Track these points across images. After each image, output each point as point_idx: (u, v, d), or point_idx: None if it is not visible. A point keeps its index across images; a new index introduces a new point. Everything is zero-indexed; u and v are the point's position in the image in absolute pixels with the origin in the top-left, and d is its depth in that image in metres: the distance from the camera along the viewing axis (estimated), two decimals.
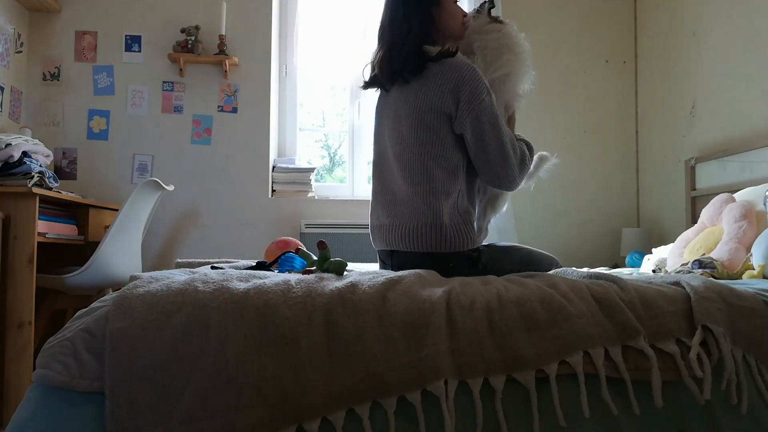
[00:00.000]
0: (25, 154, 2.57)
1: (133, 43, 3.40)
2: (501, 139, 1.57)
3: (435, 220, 1.55)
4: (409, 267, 1.51)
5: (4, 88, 3.09)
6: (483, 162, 1.59)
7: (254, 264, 1.75)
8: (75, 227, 2.85)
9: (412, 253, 1.58)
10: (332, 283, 1.24)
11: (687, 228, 3.03)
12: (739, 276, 1.97)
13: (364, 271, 1.54)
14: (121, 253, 2.75)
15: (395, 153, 1.64)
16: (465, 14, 1.75)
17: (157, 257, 3.36)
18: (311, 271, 1.46)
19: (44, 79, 3.35)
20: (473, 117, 1.54)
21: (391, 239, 1.64)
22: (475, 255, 1.60)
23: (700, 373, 1.15)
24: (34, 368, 1.11)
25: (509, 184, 1.63)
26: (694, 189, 3.14)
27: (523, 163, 1.65)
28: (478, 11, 1.76)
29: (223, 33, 3.35)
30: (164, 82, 3.41)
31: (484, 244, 1.70)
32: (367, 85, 1.75)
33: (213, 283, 1.20)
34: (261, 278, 1.28)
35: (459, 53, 1.61)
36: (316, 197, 3.52)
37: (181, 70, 3.37)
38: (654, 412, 1.15)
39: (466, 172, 1.64)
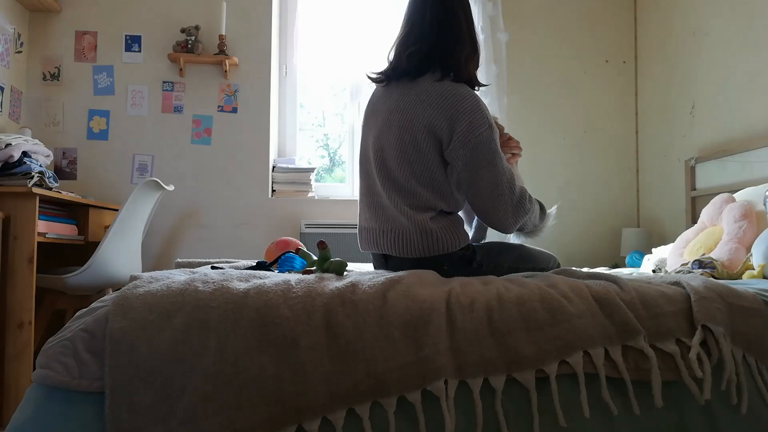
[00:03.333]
0: (25, 154, 2.57)
1: (133, 43, 3.40)
2: (496, 177, 1.51)
3: (422, 227, 1.53)
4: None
5: (4, 88, 3.09)
6: (474, 196, 1.54)
7: (254, 264, 1.75)
8: (75, 227, 2.85)
9: (406, 259, 1.57)
10: (332, 283, 1.24)
11: (687, 228, 3.03)
12: (739, 276, 1.97)
13: (364, 271, 1.54)
14: (121, 253, 2.75)
15: (378, 159, 1.61)
16: None
17: (157, 257, 3.36)
18: (311, 271, 1.46)
19: (44, 79, 3.35)
20: (469, 150, 1.49)
21: (381, 243, 1.62)
22: (469, 254, 1.59)
23: (700, 373, 1.15)
24: (34, 368, 1.11)
25: (499, 223, 1.56)
26: (694, 189, 3.14)
27: (521, 206, 1.56)
28: None
29: (223, 33, 3.35)
30: (164, 82, 3.41)
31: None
32: (385, 76, 1.66)
33: (213, 283, 1.20)
34: (261, 278, 1.28)
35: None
36: (316, 197, 3.52)
37: (181, 70, 3.37)
38: (654, 412, 1.15)
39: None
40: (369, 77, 1.68)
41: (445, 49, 1.57)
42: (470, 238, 1.76)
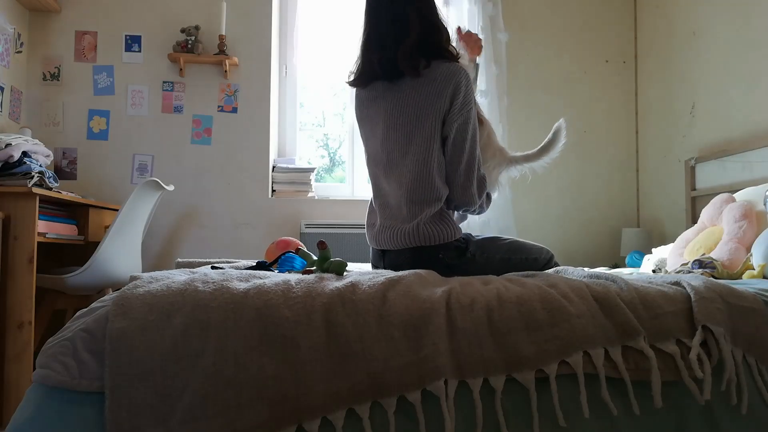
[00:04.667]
0: (25, 154, 2.57)
1: (133, 43, 3.40)
2: (474, 152, 1.61)
3: (419, 220, 1.58)
4: (402, 263, 1.53)
5: (4, 88, 3.09)
6: (453, 171, 1.61)
7: (254, 264, 1.75)
8: (75, 227, 2.85)
9: (403, 250, 1.61)
10: (332, 283, 1.24)
11: (687, 228, 3.03)
12: (739, 276, 1.97)
13: (364, 271, 1.54)
14: (121, 253, 2.75)
15: (390, 159, 1.64)
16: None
17: (157, 257, 3.36)
18: (311, 271, 1.46)
19: (44, 79, 3.35)
20: (460, 122, 1.57)
21: (381, 239, 1.67)
22: (463, 245, 1.63)
23: (701, 374, 1.15)
24: (34, 368, 1.11)
25: (471, 197, 1.63)
26: (694, 189, 3.14)
27: (482, 184, 1.65)
28: None
29: (223, 33, 3.35)
30: (164, 82, 3.41)
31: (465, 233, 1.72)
32: (360, 81, 1.70)
33: (213, 283, 1.20)
34: (261, 278, 1.28)
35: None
36: (316, 197, 3.52)
37: (181, 70, 3.37)
38: (654, 412, 1.15)
39: None
40: (348, 83, 1.73)
41: (416, 43, 1.58)
42: None
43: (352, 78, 1.71)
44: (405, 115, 1.60)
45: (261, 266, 1.68)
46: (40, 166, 2.63)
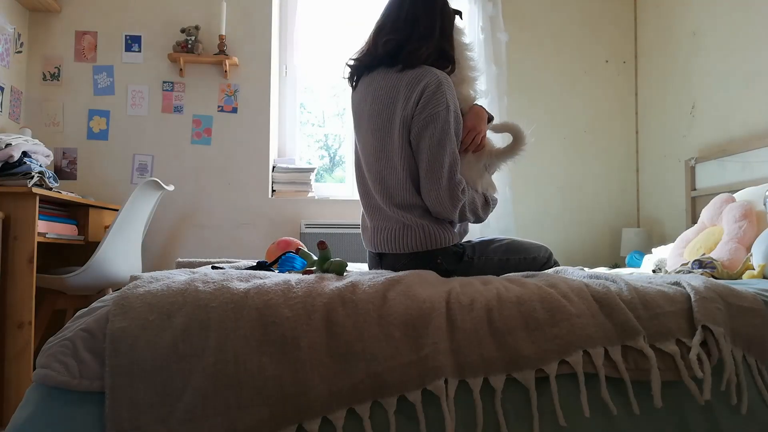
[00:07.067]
0: (25, 154, 2.57)
1: (133, 43, 3.40)
2: (440, 158, 1.51)
3: (414, 223, 1.57)
4: (400, 268, 1.53)
5: (4, 88, 3.09)
6: (421, 177, 1.56)
7: (255, 264, 1.75)
8: (75, 227, 2.85)
9: (401, 255, 1.60)
10: (332, 283, 1.24)
11: (687, 228, 3.03)
12: (739, 276, 1.97)
13: (364, 271, 1.54)
14: (121, 253, 2.75)
15: (367, 163, 1.66)
16: None
17: (157, 257, 3.36)
18: (311, 271, 1.46)
19: (44, 79, 3.35)
20: (421, 125, 1.53)
21: (376, 242, 1.66)
22: (461, 250, 1.62)
23: (700, 374, 1.15)
24: (34, 368, 1.11)
25: (440, 207, 1.54)
26: (694, 189, 3.14)
27: (454, 193, 1.53)
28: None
29: (223, 33, 3.35)
30: (164, 82, 3.41)
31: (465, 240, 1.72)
32: (359, 64, 1.72)
33: (213, 283, 1.20)
34: (261, 278, 1.28)
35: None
36: (316, 197, 3.52)
37: (181, 70, 3.37)
38: (654, 412, 1.15)
39: None
40: (347, 64, 1.76)
41: (413, 43, 1.59)
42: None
43: (352, 60, 1.73)
44: (380, 120, 1.60)
45: (261, 266, 1.68)
46: (40, 166, 2.63)
